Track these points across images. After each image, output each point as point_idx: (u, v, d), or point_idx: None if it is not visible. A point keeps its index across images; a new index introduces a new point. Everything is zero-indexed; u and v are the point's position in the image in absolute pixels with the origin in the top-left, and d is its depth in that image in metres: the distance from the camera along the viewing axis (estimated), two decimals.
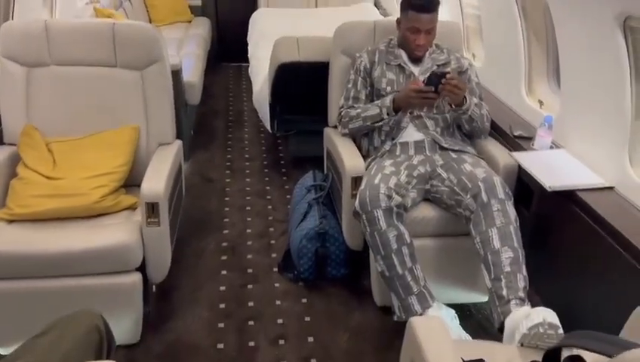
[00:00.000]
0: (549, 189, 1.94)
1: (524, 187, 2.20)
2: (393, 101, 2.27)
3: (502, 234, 1.91)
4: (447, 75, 2.11)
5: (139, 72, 2.32)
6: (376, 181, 2.07)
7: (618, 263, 1.72)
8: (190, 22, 5.20)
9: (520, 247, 1.92)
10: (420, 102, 2.21)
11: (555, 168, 2.08)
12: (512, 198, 2.02)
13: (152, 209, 2.00)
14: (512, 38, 2.58)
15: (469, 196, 2.02)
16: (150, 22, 4.96)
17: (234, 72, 5.44)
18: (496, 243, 1.90)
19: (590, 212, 1.89)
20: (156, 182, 2.05)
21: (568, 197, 1.97)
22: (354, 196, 2.20)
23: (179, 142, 2.45)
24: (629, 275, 1.67)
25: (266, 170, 3.55)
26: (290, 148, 3.66)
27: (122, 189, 2.24)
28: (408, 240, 2.03)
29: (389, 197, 2.02)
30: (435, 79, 2.11)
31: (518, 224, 1.96)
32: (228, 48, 5.49)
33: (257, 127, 4.11)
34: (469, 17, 3.31)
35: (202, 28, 4.99)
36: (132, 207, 2.20)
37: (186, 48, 4.28)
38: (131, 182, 2.27)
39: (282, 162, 3.66)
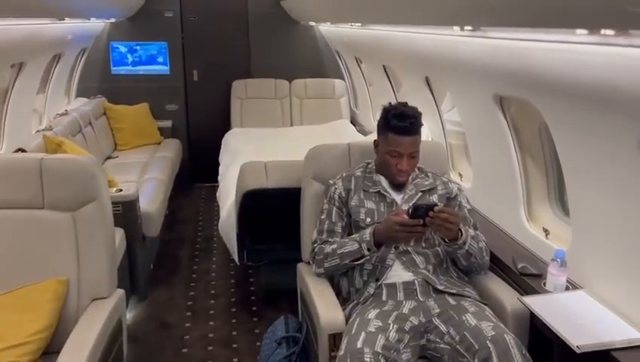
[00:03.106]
0: (577, 350, 1.53)
1: (539, 337, 1.79)
2: (374, 234, 1.91)
3: None
4: (435, 208, 1.78)
5: (70, 214, 1.94)
6: (359, 344, 1.64)
7: None
8: (159, 144, 4.98)
9: None
10: (406, 236, 1.85)
11: (579, 318, 1.68)
12: None
13: None
14: (504, 157, 2.31)
15: (476, 361, 1.60)
16: (115, 146, 4.74)
17: (206, 193, 5.15)
18: None
19: None
20: (76, 359, 1.60)
21: (601, 357, 1.56)
22: (333, 359, 1.77)
23: (119, 294, 2.02)
24: None
25: (233, 309, 3.08)
26: (262, 280, 3.25)
27: None
28: None
29: None
30: (421, 212, 1.78)
31: None
32: (200, 169, 5.27)
33: (227, 255, 3.69)
34: (451, 134, 3.09)
35: (171, 150, 4.77)
36: None
37: (150, 173, 3.99)
38: (55, 347, 1.80)
39: (253, 298, 3.22)
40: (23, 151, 3.13)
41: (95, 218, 1.96)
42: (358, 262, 1.97)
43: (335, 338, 1.82)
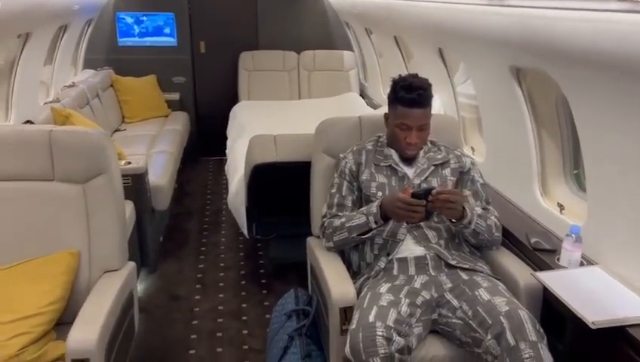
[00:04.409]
0: (592, 326, 1.51)
1: (552, 313, 1.77)
2: (380, 207, 1.88)
3: None
4: (433, 191, 1.76)
5: (80, 186, 1.93)
6: (371, 318, 1.63)
7: None
8: (167, 116, 4.95)
9: None
10: (406, 215, 1.82)
11: (594, 294, 1.67)
12: (545, 337, 1.59)
13: None
14: (519, 131, 2.26)
15: (490, 336, 1.59)
16: (123, 119, 4.71)
17: (214, 166, 5.13)
18: None
19: None
20: (89, 329, 1.61)
21: (615, 333, 1.54)
22: (344, 332, 1.76)
23: (130, 266, 2.02)
24: None
25: (243, 282, 3.10)
26: (271, 253, 3.24)
27: (52, 333, 1.78)
28: None
29: (389, 339, 1.58)
30: (421, 198, 1.76)
31: None
32: (208, 142, 5.23)
33: (235, 229, 3.69)
34: (464, 107, 3.04)
35: (179, 122, 4.74)
36: (63, 359, 1.72)
37: (159, 146, 3.97)
38: (68, 318, 1.81)
39: (262, 271, 3.22)
40: (31, 123, 3.11)
41: (105, 190, 1.95)
42: (367, 235, 1.95)
43: (346, 312, 1.81)
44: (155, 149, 3.88)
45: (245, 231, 3.03)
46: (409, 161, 2.06)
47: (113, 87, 4.74)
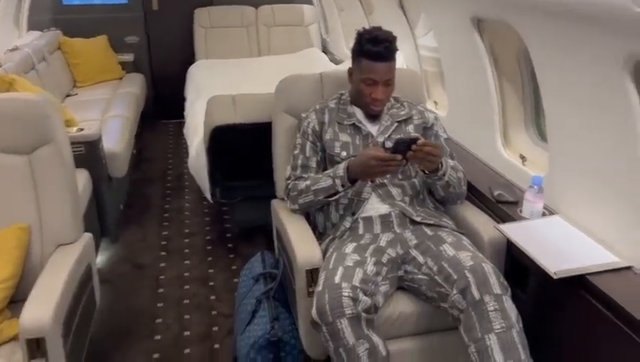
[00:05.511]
0: (554, 276, 1.53)
1: (515, 264, 1.80)
2: (347, 169, 1.84)
3: (504, 343, 1.48)
4: (419, 142, 1.70)
5: (25, 157, 1.82)
6: (337, 279, 1.62)
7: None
8: (121, 79, 4.73)
9: (528, 357, 1.49)
10: (382, 170, 1.77)
11: (555, 244, 1.68)
12: (510, 290, 1.60)
13: (36, 346, 1.47)
14: (481, 83, 2.23)
15: (455, 291, 1.60)
16: (74, 83, 4.48)
17: (174, 129, 4.97)
18: (498, 356, 1.47)
19: (604, 299, 1.50)
20: (43, 307, 1.53)
21: (577, 282, 1.57)
22: (310, 294, 1.75)
23: (86, 238, 1.94)
24: None
25: (209, 248, 3.04)
26: (237, 217, 3.18)
27: (6, 311, 1.71)
28: (384, 352, 1.59)
29: (355, 300, 1.57)
30: (403, 146, 1.71)
31: (521, 325, 1.54)
32: (166, 104, 5.03)
33: (199, 193, 3.59)
34: (426, 61, 2.98)
35: (135, 85, 4.53)
36: (18, 338, 1.65)
37: (113, 110, 3.79)
38: (21, 296, 1.72)
39: (228, 235, 3.17)
40: None
41: (52, 160, 1.83)
42: (333, 198, 1.91)
43: (312, 274, 1.79)
44: (109, 114, 3.71)
45: (209, 196, 2.96)
46: (373, 118, 2.01)
47: (61, 49, 4.47)
